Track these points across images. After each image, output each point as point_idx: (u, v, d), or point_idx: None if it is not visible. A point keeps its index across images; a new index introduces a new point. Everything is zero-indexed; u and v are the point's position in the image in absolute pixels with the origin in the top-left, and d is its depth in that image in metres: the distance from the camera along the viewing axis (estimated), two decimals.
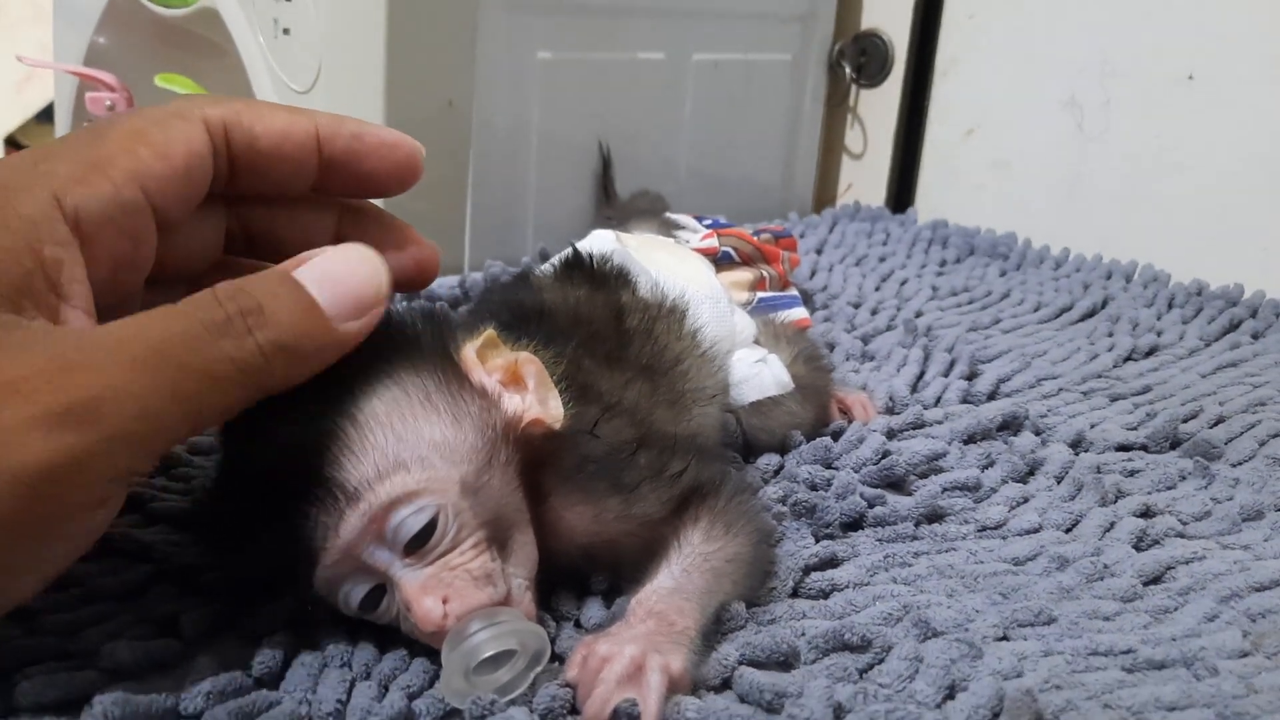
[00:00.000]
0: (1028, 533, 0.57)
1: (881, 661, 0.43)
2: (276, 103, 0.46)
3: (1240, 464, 0.66)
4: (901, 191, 1.31)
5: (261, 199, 0.47)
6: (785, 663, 0.43)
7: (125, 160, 0.40)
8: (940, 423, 0.69)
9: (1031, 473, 0.64)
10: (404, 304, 0.51)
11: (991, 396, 0.75)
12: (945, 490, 0.60)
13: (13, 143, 1.91)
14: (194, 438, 0.61)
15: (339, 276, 0.41)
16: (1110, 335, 0.90)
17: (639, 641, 0.40)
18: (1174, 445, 0.68)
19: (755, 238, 0.83)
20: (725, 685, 0.42)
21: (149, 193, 0.41)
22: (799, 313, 0.81)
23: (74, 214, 0.39)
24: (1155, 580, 0.52)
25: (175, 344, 0.37)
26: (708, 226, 0.84)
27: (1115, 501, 0.60)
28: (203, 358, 0.37)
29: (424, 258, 0.50)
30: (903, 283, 1.03)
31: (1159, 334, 0.90)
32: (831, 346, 0.84)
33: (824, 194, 1.40)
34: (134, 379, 0.36)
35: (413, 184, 0.48)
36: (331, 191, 0.48)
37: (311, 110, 0.46)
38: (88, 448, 0.35)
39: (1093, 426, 0.70)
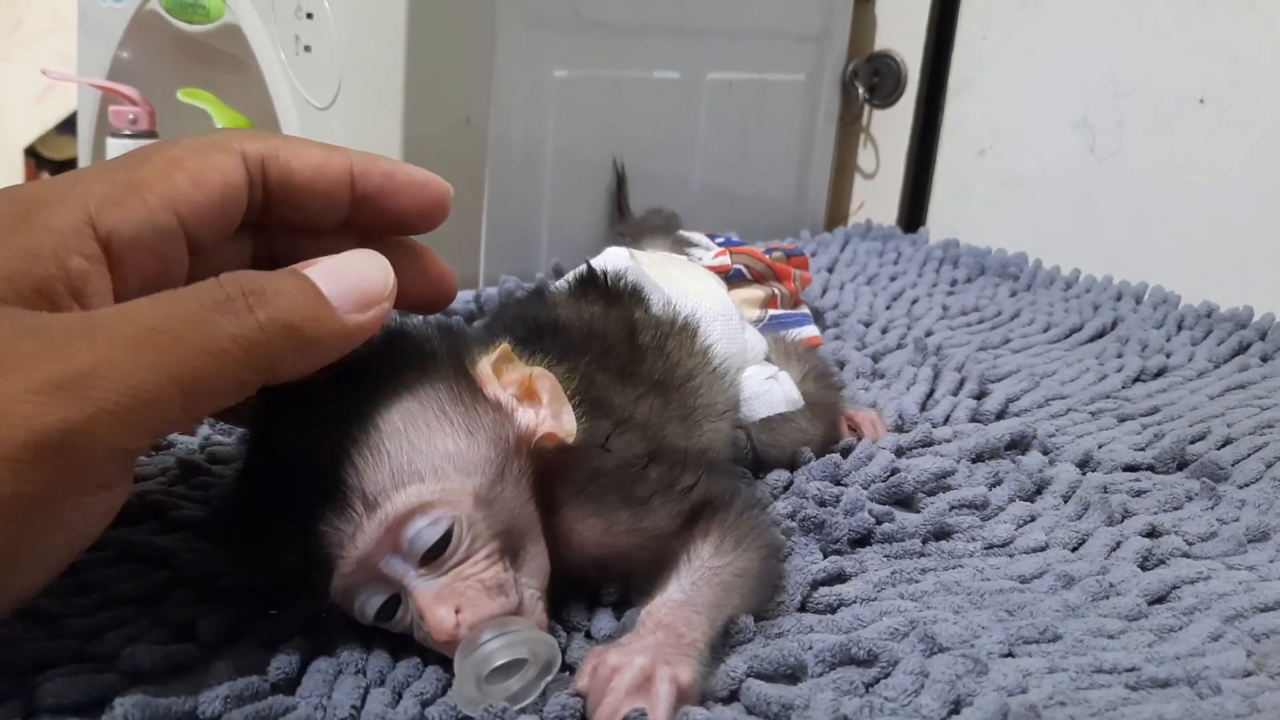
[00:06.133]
0: (1034, 551, 0.57)
1: (888, 676, 0.44)
2: (313, 140, 0.47)
3: (1247, 486, 0.66)
4: (913, 211, 1.32)
5: (290, 227, 0.48)
6: (792, 676, 0.44)
7: (162, 186, 0.41)
8: (949, 441, 0.69)
9: (1039, 492, 0.64)
10: (420, 319, 0.52)
11: (1000, 416, 0.76)
12: (953, 508, 0.60)
13: (33, 153, 1.93)
14: (214, 449, 0.62)
15: (344, 271, 0.42)
16: (1119, 356, 0.90)
17: (649, 652, 0.41)
18: (1181, 466, 0.69)
19: (767, 255, 0.84)
20: (733, 697, 0.42)
21: (183, 219, 0.42)
22: (810, 330, 0.81)
23: (107, 234, 0.39)
24: (1160, 599, 0.52)
25: (172, 321, 0.37)
26: (720, 244, 0.85)
27: (1122, 521, 0.60)
28: (201, 334, 0.37)
29: (442, 281, 0.51)
30: (913, 302, 1.03)
31: (1168, 355, 0.90)
32: (842, 364, 0.84)
33: (836, 212, 1.40)
34: (127, 354, 0.35)
35: (440, 222, 0.49)
36: (361, 226, 0.49)
37: (346, 148, 0.47)
38: (79, 420, 0.34)
39: (1100, 446, 0.70)
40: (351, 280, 0.42)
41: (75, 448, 0.35)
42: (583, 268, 0.66)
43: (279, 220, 0.46)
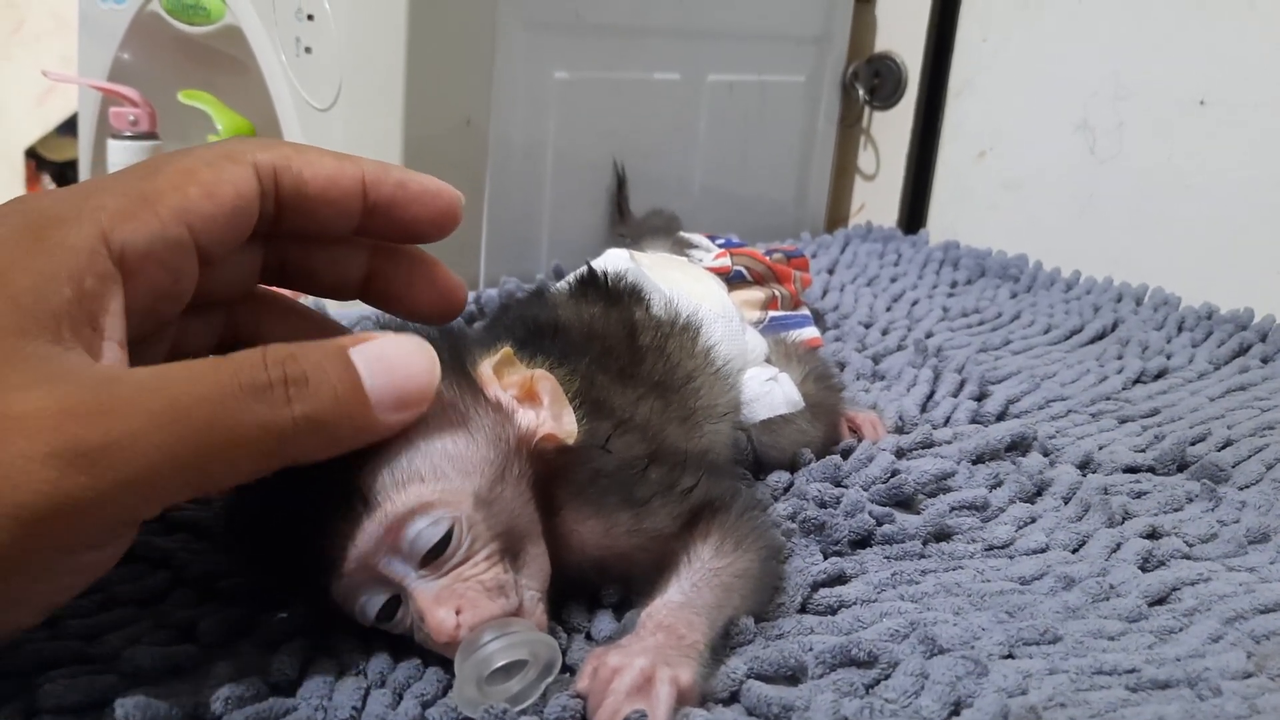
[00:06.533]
0: (1034, 552, 0.57)
1: (888, 677, 0.44)
2: (325, 149, 0.47)
3: (1247, 487, 0.66)
4: (914, 212, 1.32)
5: (301, 236, 0.48)
6: (792, 677, 0.44)
7: (174, 198, 0.41)
8: (949, 442, 0.69)
9: (1039, 493, 0.64)
10: None
11: (1000, 417, 0.76)
12: (953, 509, 0.60)
13: (33, 155, 1.93)
14: None
15: (393, 364, 0.40)
16: (1120, 358, 0.90)
17: (649, 654, 0.41)
18: (1181, 468, 0.69)
19: (767, 257, 0.84)
20: (733, 698, 0.43)
21: (194, 230, 0.41)
22: (810, 332, 0.81)
23: (119, 248, 0.39)
24: (1160, 601, 0.52)
25: (204, 405, 0.36)
26: (720, 246, 0.85)
27: (1122, 523, 0.60)
28: (231, 420, 0.36)
29: (451, 292, 0.51)
30: (914, 303, 1.03)
31: (1168, 357, 0.90)
32: (842, 366, 0.84)
33: (836, 214, 1.41)
34: (152, 431, 0.35)
35: (451, 231, 0.49)
36: (372, 235, 0.49)
37: (358, 157, 0.47)
38: (93, 492, 0.34)
39: (1101, 448, 0.71)
40: (397, 376, 0.40)
41: (84, 517, 0.34)
42: (583, 269, 0.66)
43: (290, 229, 0.46)
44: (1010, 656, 0.46)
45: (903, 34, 1.32)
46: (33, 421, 0.34)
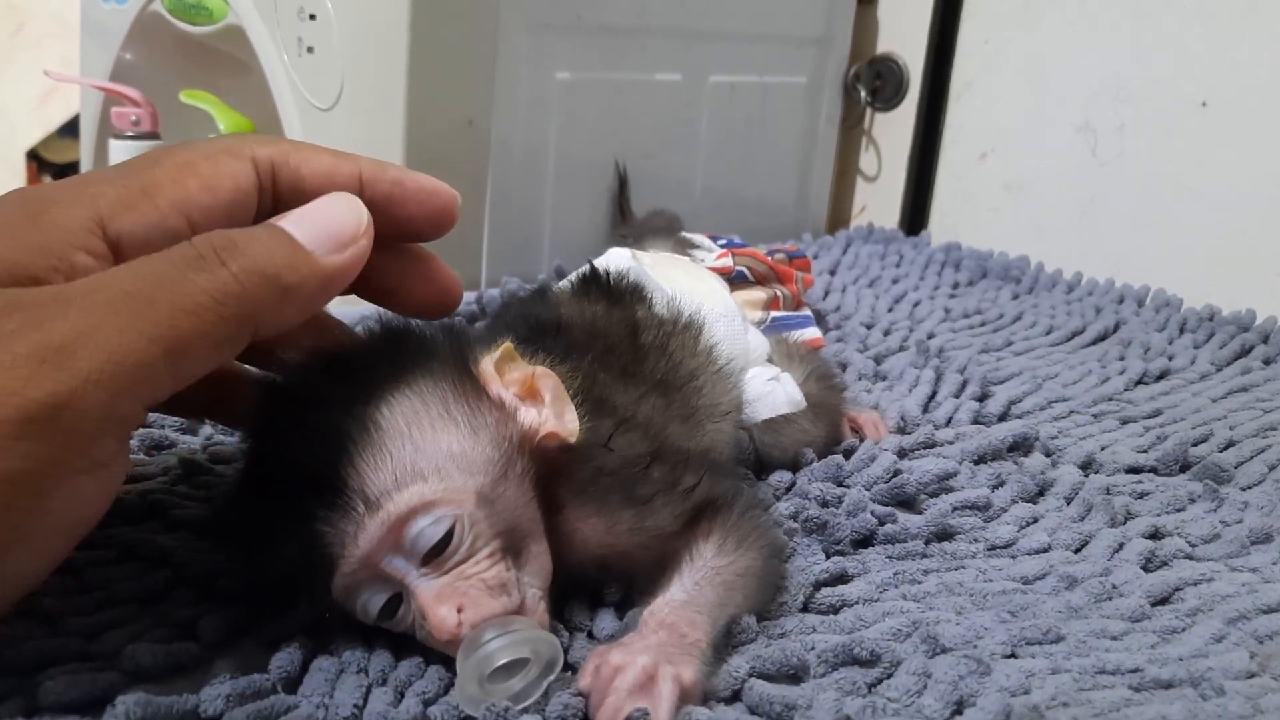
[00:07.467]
0: (1037, 552, 0.57)
1: (890, 676, 0.44)
2: (322, 145, 0.47)
3: (1250, 488, 0.66)
4: (915, 214, 1.32)
5: None
6: (795, 676, 0.44)
7: (173, 190, 0.42)
8: (951, 443, 0.69)
9: (1041, 493, 0.64)
10: None
11: (1002, 417, 0.75)
12: (955, 509, 0.60)
13: (35, 157, 1.93)
14: (216, 448, 0.62)
15: (316, 215, 0.42)
16: (1122, 359, 0.90)
17: (651, 652, 0.41)
18: (1184, 468, 0.69)
19: (769, 258, 0.84)
20: (735, 697, 0.42)
21: (193, 222, 0.42)
22: (812, 332, 0.81)
23: (116, 236, 0.40)
24: (1163, 601, 0.52)
25: (145, 283, 0.37)
26: (722, 246, 0.85)
27: (1124, 523, 0.60)
28: (176, 293, 0.37)
29: (448, 287, 0.51)
30: (915, 304, 1.03)
31: (1170, 358, 0.90)
32: (844, 366, 0.84)
33: (838, 215, 1.41)
34: (105, 320, 0.36)
35: (448, 230, 0.49)
36: None
37: (356, 155, 0.47)
38: (65, 392, 0.34)
39: (1103, 449, 0.70)
40: (324, 223, 0.42)
41: (63, 420, 0.35)
42: (586, 268, 0.66)
43: None
44: (1013, 656, 0.46)
45: (904, 35, 1.32)
46: None
